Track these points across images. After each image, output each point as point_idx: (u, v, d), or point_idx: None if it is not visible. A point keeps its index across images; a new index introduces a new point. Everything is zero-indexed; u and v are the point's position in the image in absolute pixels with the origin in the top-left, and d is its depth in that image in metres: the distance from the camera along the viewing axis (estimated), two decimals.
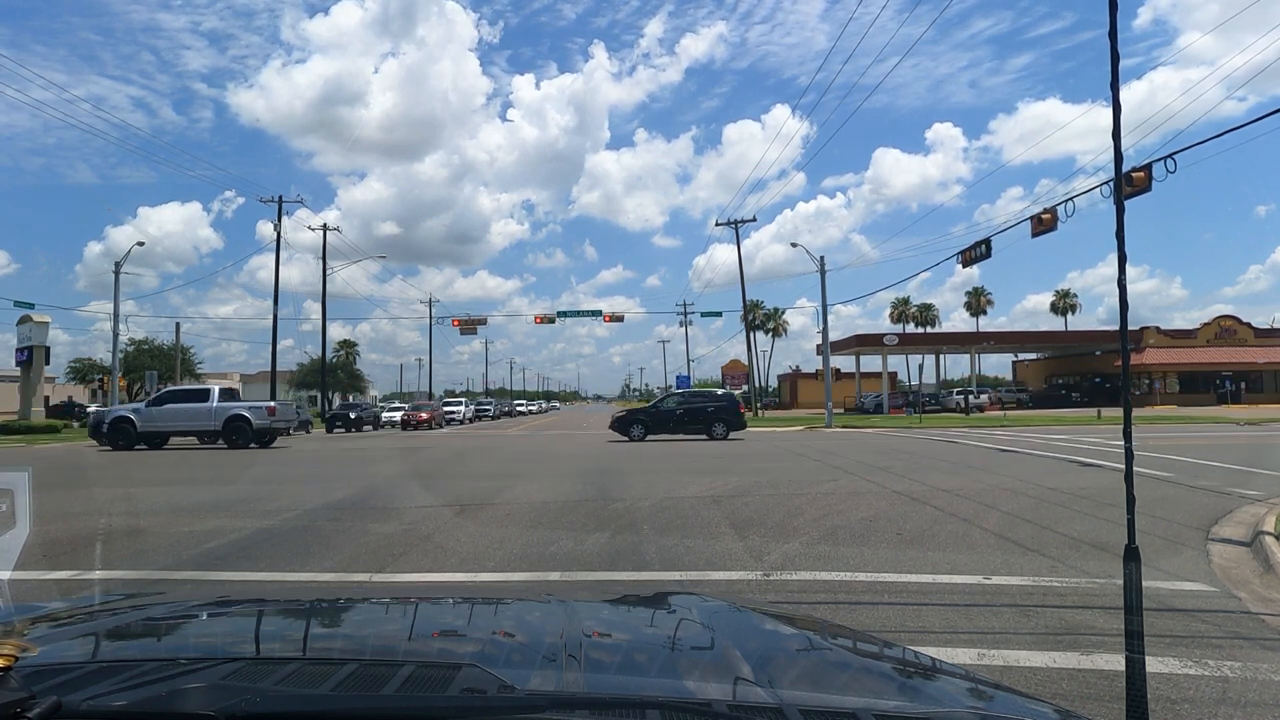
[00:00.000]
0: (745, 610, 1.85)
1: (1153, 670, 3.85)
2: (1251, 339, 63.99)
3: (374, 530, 8.82)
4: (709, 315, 56.50)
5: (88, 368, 68.90)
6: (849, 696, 1.18)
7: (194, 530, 8.91)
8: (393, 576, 6.60)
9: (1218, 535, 7.90)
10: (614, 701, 1.06)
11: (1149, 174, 15.03)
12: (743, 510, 9.86)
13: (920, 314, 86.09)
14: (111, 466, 19.05)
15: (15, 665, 1.01)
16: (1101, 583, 5.89)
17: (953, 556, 6.98)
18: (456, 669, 1.19)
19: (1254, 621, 5.07)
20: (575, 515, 9.66)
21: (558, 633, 1.54)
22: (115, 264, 38.82)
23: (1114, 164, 2.20)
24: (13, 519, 1.88)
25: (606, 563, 6.96)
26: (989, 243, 28.13)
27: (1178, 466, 14.34)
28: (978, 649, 4.45)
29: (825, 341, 41.21)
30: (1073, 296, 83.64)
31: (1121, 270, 2.20)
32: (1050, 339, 70.39)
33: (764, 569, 6.57)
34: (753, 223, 79.78)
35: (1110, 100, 2.21)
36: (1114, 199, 2.28)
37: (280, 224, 43.88)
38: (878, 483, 12.58)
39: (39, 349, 40.55)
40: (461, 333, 54.72)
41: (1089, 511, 9.36)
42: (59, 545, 7.96)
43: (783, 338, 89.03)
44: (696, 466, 16.34)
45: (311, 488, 13.06)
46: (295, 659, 1.36)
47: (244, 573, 6.79)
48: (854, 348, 63.99)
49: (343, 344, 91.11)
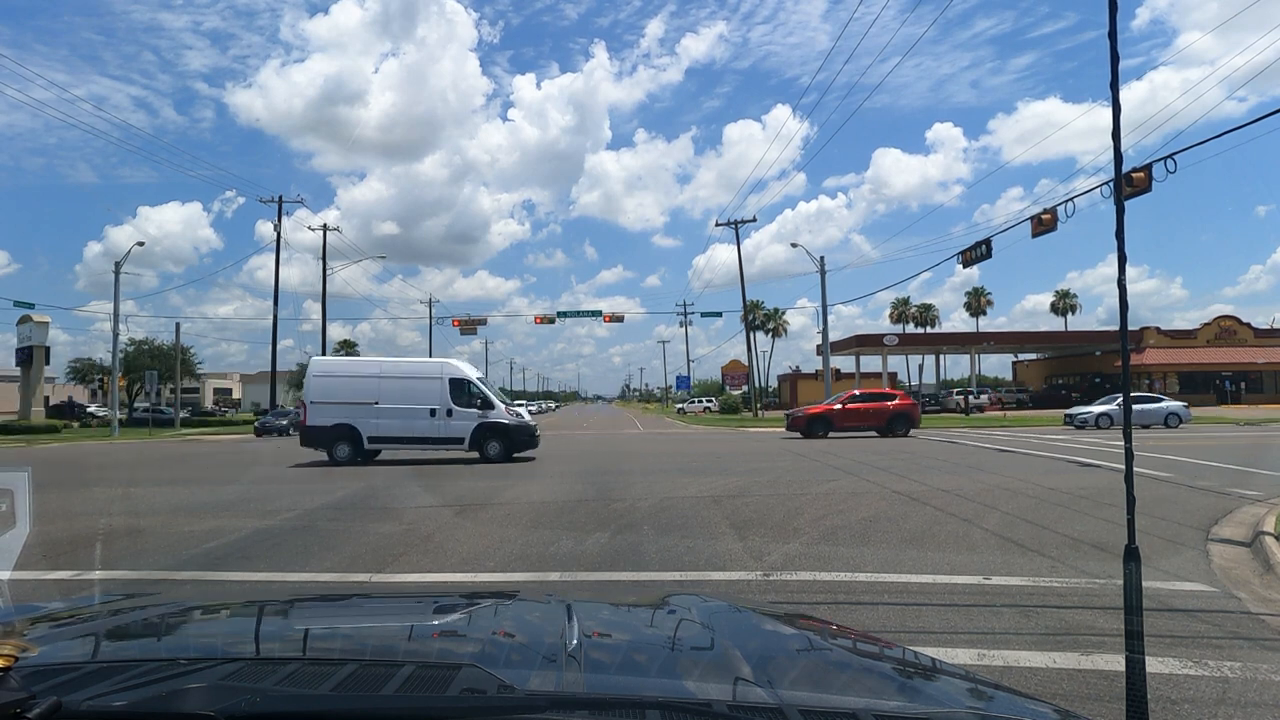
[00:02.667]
0: (745, 610, 1.85)
1: (1153, 670, 3.85)
2: (1251, 339, 63.97)
3: (374, 530, 8.82)
4: (709, 315, 56.49)
5: (88, 368, 68.92)
6: (849, 696, 1.18)
7: (194, 530, 8.92)
8: (393, 576, 6.60)
9: (1218, 535, 7.90)
10: (614, 701, 1.06)
11: (1149, 174, 15.03)
12: (743, 510, 9.86)
13: (920, 314, 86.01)
14: (113, 466, 19.06)
15: (15, 665, 1.01)
16: (1101, 583, 5.89)
17: (953, 557, 6.98)
18: (456, 669, 1.19)
19: (1254, 622, 5.07)
20: (575, 515, 9.66)
21: (557, 633, 1.54)
22: (115, 264, 38.84)
23: (1114, 164, 2.20)
24: (13, 519, 1.88)
25: (606, 563, 6.96)
26: (989, 243, 28.13)
27: (1177, 466, 14.35)
28: (978, 649, 4.45)
29: (825, 342, 41.23)
30: (1073, 297, 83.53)
31: (1121, 270, 2.20)
32: (1050, 339, 70.33)
33: (764, 569, 6.57)
34: (753, 223, 79.78)
35: (1110, 100, 2.21)
36: (1114, 199, 2.28)
37: (280, 224, 43.92)
38: (877, 483, 12.58)
39: (39, 349, 40.62)
40: (461, 333, 54.67)
41: (1089, 511, 9.36)
42: (59, 545, 7.96)
43: (783, 338, 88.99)
44: (696, 466, 16.34)
45: (311, 488, 13.07)
46: (295, 659, 1.36)
47: (244, 573, 6.79)
48: (854, 348, 63.97)
49: (343, 344, 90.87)
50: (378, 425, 18.34)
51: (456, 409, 18.49)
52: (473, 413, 18.55)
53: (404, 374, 18.89)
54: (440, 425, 18.45)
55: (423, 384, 18.64)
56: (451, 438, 18.51)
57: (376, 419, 18.32)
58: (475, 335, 58.51)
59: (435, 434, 18.53)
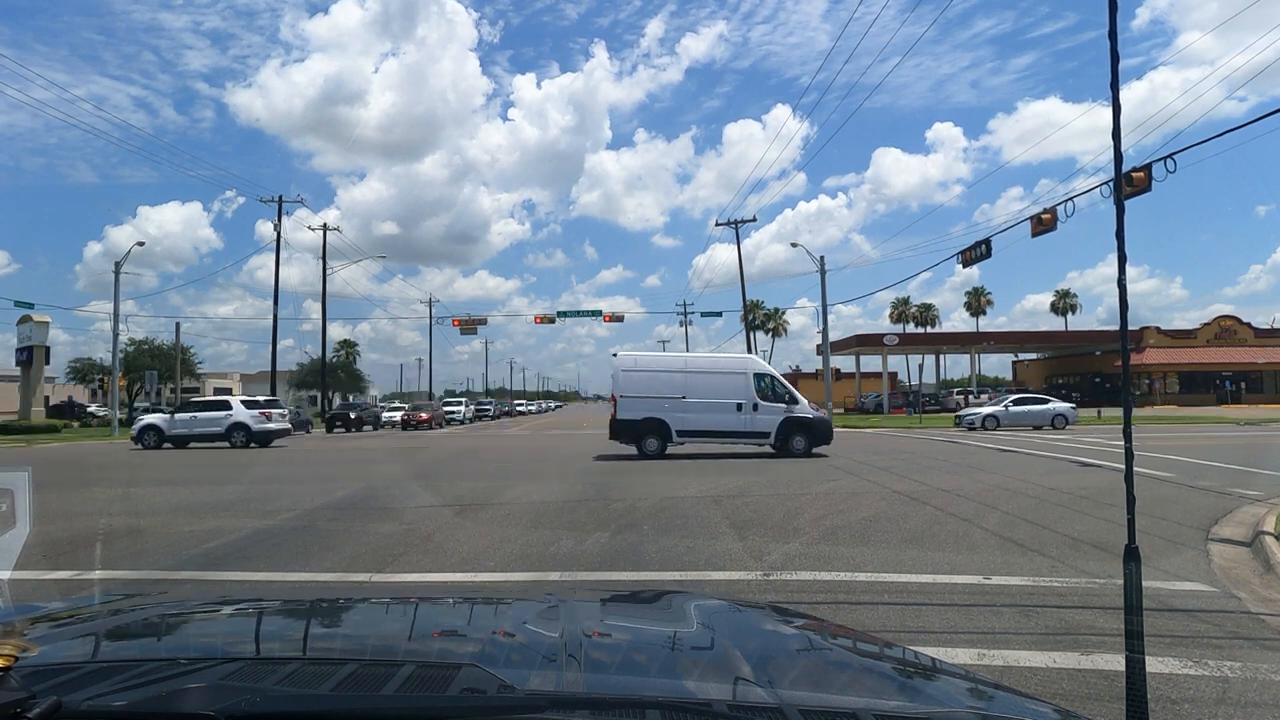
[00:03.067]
0: (745, 610, 1.85)
1: (1153, 670, 3.85)
2: (1251, 339, 64.00)
3: (374, 530, 8.82)
4: (709, 315, 56.30)
5: (88, 368, 68.87)
6: (849, 696, 1.18)
7: (194, 530, 8.92)
8: (393, 576, 6.60)
9: (1218, 535, 7.90)
10: (614, 701, 1.06)
11: (1149, 174, 15.02)
12: (743, 510, 9.86)
13: (920, 314, 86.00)
14: (113, 466, 19.07)
15: (15, 665, 1.01)
16: (1101, 583, 5.89)
17: (953, 556, 6.98)
18: (456, 669, 1.19)
19: (1254, 621, 5.08)
20: (575, 515, 9.66)
21: (557, 633, 1.54)
22: (115, 264, 38.77)
23: (1114, 164, 2.20)
24: (13, 519, 1.88)
25: (606, 563, 6.96)
26: (989, 243, 28.12)
27: (1178, 466, 14.35)
28: (978, 649, 4.45)
29: (825, 341, 41.21)
30: (1073, 296, 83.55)
31: (1121, 270, 2.20)
32: (1050, 339, 70.34)
33: (764, 569, 6.57)
34: (753, 222, 79.64)
35: (1110, 100, 2.21)
36: (1114, 199, 2.28)
37: (280, 224, 43.88)
38: (877, 482, 12.58)
39: (39, 349, 40.60)
40: (461, 333, 54.68)
41: (1089, 511, 9.36)
42: (59, 545, 7.96)
43: (783, 338, 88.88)
44: (696, 466, 16.34)
45: (311, 488, 13.07)
46: (295, 659, 1.36)
47: (244, 573, 6.79)
48: (854, 348, 63.98)
49: (343, 344, 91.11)
50: (685, 419, 18.43)
51: (762, 404, 18.58)
52: (779, 407, 18.64)
53: (709, 368, 19.02)
54: (746, 420, 18.47)
55: (728, 379, 18.71)
56: (757, 432, 18.57)
57: (684, 413, 18.41)
58: (475, 335, 58.61)
59: (742, 428, 18.57)
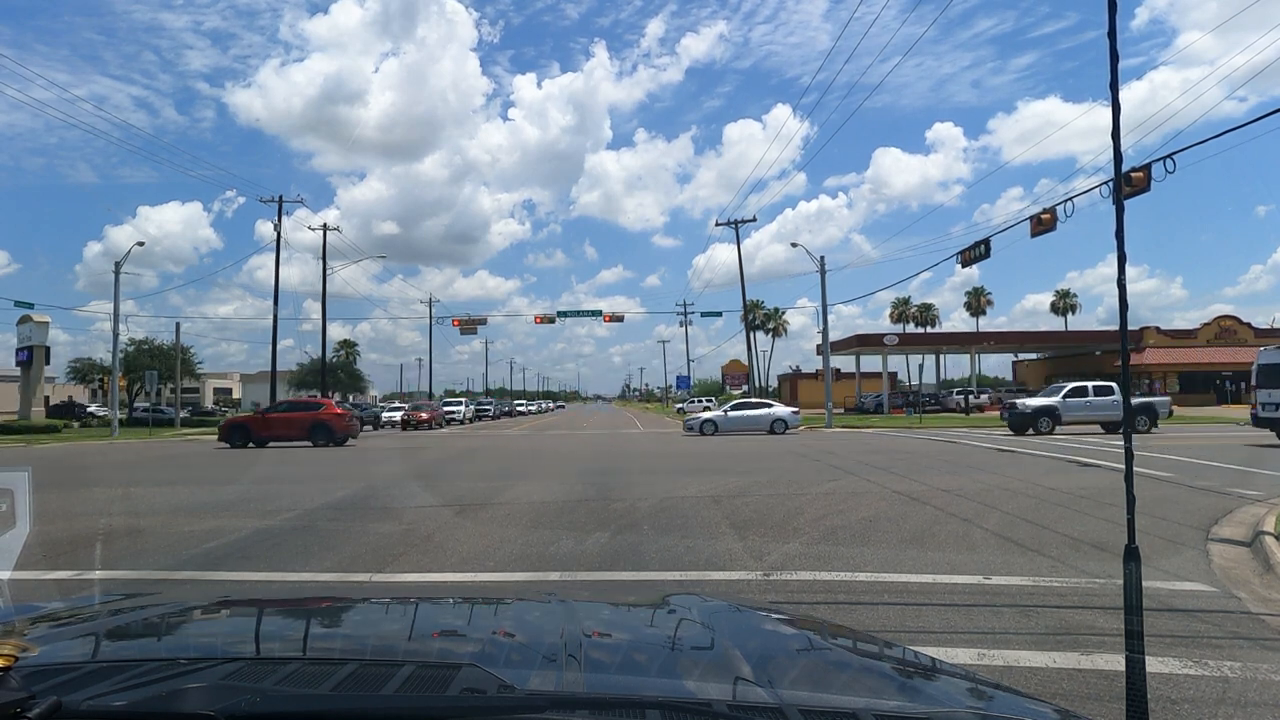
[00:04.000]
0: (745, 610, 1.85)
1: (1153, 670, 3.85)
2: (1252, 339, 63.84)
3: (374, 530, 8.82)
4: (709, 315, 56.39)
5: (88, 368, 68.78)
6: (849, 696, 1.18)
7: (194, 530, 8.92)
8: (393, 576, 6.60)
9: (1218, 535, 7.90)
10: (614, 701, 1.06)
11: (1148, 174, 15.02)
12: (743, 510, 9.86)
13: (920, 314, 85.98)
14: (112, 466, 19.07)
15: (15, 665, 1.01)
16: (1101, 583, 5.89)
17: (953, 556, 6.98)
18: (456, 669, 1.19)
19: (1254, 621, 5.08)
20: (575, 515, 9.66)
21: (557, 633, 1.54)
22: (115, 264, 38.77)
23: (1114, 164, 2.20)
24: (13, 519, 1.88)
25: (606, 563, 6.96)
26: (989, 243, 28.14)
27: (1178, 466, 14.34)
28: (978, 649, 4.45)
29: (825, 341, 41.20)
30: (1073, 296, 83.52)
31: (1121, 270, 2.20)
32: (1050, 339, 70.30)
33: (764, 569, 6.57)
34: (753, 222, 79.56)
35: (1110, 100, 2.21)
36: (1114, 199, 2.28)
37: (280, 224, 43.81)
38: (878, 483, 12.58)
39: (39, 349, 40.58)
40: (461, 333, 54.72)
41: (1089, 511, 9.36)
42: (59, 545, 7.96)
43: (783, 338, 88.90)
44: (696, 466, 16.35)
45: (311, 488, 13.06)
46: (295, 659, 1.36)
47: (244, 573, 6.79)
48: (854, 348, 63.95)
49: (343, 344, 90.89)
50: None
51: None
52: None
53: None
54: None
55: None
56: None
57: None
58: (475, 335, 58.66)
59: None
